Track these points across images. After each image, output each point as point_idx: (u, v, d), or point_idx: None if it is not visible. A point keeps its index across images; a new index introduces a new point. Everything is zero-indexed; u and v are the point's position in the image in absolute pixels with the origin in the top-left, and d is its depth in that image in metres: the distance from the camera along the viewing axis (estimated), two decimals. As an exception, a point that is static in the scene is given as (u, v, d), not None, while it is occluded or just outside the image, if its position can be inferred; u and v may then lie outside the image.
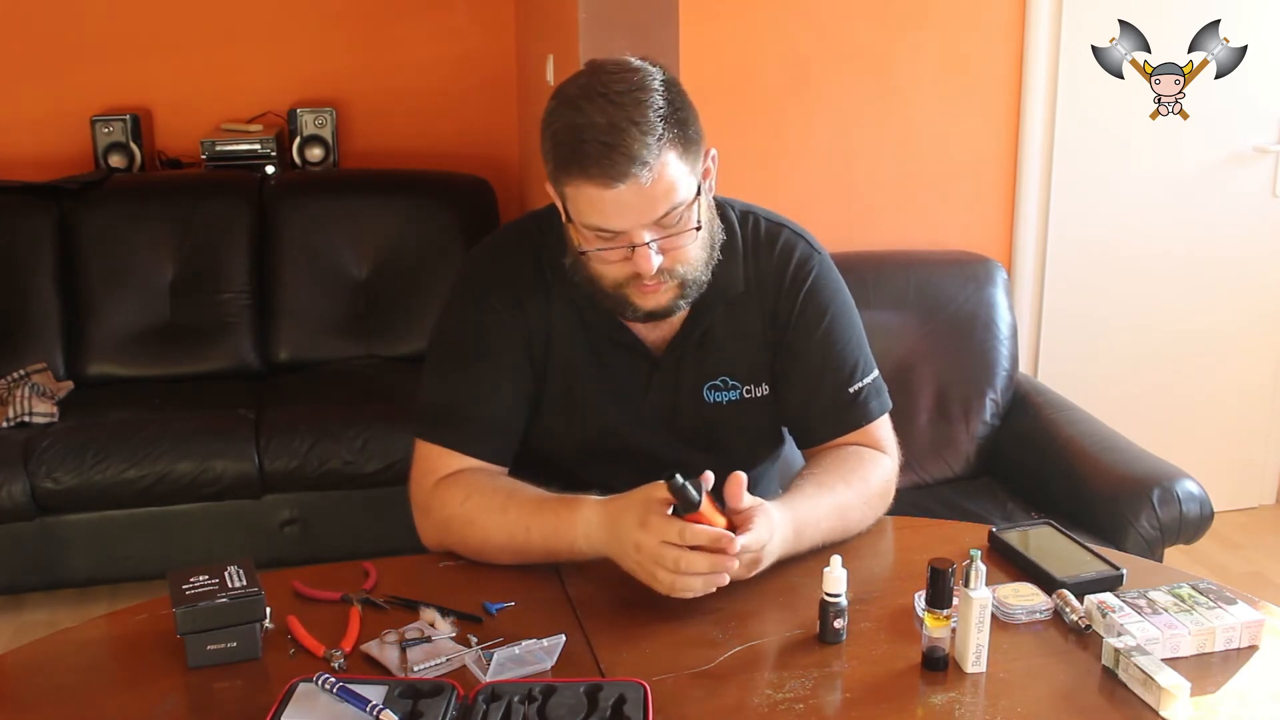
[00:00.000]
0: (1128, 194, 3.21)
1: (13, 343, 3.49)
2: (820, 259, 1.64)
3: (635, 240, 1.41)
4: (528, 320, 1.57)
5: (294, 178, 3.90)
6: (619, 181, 1.36)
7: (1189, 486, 2.42)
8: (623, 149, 1.35)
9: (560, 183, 1.43)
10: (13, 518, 3.03)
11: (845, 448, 1.62)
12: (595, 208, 1.40)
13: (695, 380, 1.60)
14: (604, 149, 1.35)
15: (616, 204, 1.38)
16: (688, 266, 1.47)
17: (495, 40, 4.21)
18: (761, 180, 2.90)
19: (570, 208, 1.44)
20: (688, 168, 1.42)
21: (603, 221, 1.41)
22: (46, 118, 3.93)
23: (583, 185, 1.39)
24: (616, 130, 1.36)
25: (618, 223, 1.40)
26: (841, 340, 1.62)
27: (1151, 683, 1.22)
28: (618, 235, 1.42)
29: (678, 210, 1.42)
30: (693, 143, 1.43)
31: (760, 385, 1.62)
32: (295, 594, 1.44)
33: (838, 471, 1.57)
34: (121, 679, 1.32)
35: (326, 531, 3.23)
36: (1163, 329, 3.32)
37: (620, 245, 1.43)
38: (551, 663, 1.29)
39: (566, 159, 1.39)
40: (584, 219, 1.42)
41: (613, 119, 1.36)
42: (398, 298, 3.71)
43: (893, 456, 1.65)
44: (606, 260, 1.45)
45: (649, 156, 1.36)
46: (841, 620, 1.33)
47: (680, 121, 1.41)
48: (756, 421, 1.64)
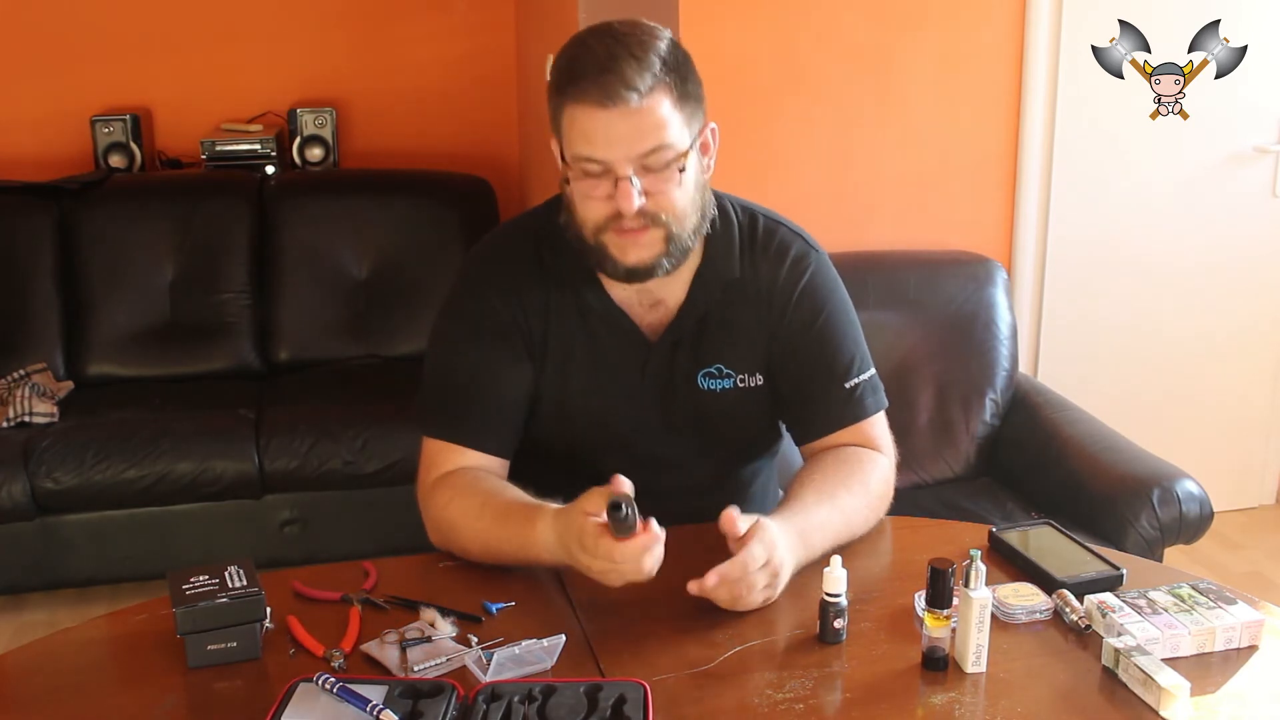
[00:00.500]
0: (1128, 194, 3.21)
1: (13, 343, 3.49)
2: (817, 256, 1.65)
3: (620, 173, 1.43)
4: (525, 313, 1.58)
5: (294, 178, 3.90)
6: (610, 102, 1.40)
7: (1189, 486, 2.42)
8: (617, 73, 1.40)
9: (557, 110, 1.46)
10: (13, 518, 3.03)
11: (841, 450, 1.62)
12: (585, 133, 1.43)
13: (690, 367, 1.61)
14: (599, 72, 1.41)
15: (606, 129, 1.41)
16: (671, 216, 1.47)
17: (495, 40, 4.21)
18: (761, 180, 2.90)
19: (564, 140, 1.47)
20: (681, 117, 1.45)
21: (591, 149, 1.43)
22: (46, 118, 3.93)
23: (576, 108, 1.43)
24: (614, 59, 1.41)
25: (605, 151, 1.43)
26: (837, 336, 1.63)
27: (1151, 683, 1.22)
28: (605, 169, 1.44)
29: (665, 151, 1.44)
30: (690, 98, 1.46)
31: (755, 376, 1.62)
32: (295, 594, 1.44)
33: (836, 476, 1.56)
34: (121, 679, 1.32)
35: (326, 531, 3.23)
36: (1163, 329, 3.32)
37: (606, 179, 1.45)
38: (551, 663, 1.29)
39: (564, 82, 1.44)
40: (574, 148, 1.45)
41: (613, 50, 1.42)
42: (398, 298, 3.71)
43: (889, 455, 1.65)
44: (591, 195, 1.46)
45: (641, 85, 1.41)
46: (841, 620, 1.33)
47: (679, 74, 1.45)
48: (750, 411, 1.64)
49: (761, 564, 1.36)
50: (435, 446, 1.58)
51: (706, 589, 1.35)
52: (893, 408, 1.69)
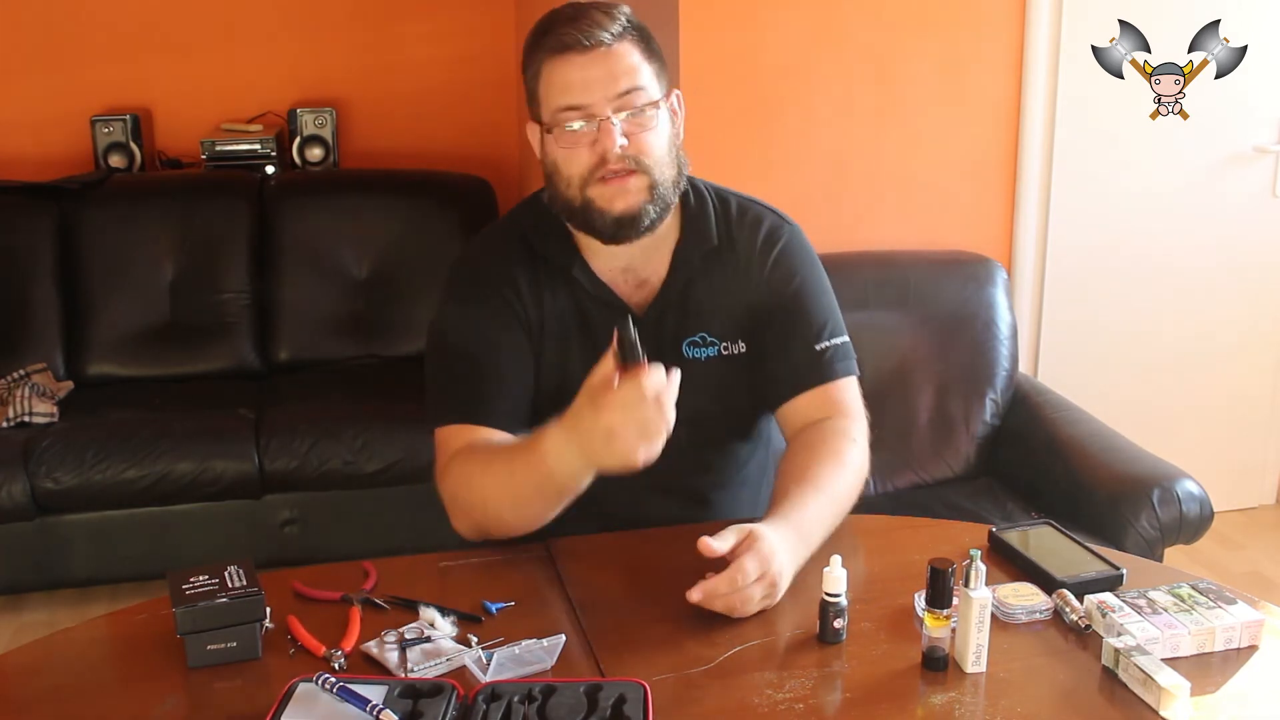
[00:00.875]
0: (1128, 194, 3.21)
1: (13, 343, 3.49)
2: (791, 229, 1.71)
3: (599, 114, 1.50)
4: (520, 299, 1.61)
5: (294, 178, 3.90)
6: (586, 44, 1.49)
7: (1189, 486, 2.42)
8: (589, 19, 1.51)
9: (534, 78, 1.54)
10: (13, 518, 3.02)
11: (812, 429, 1.62)
12: (564, 83, 1.51)
13: (675, 337, 1.64)
14: (570, 23, 1.51)
15: (583, 72, 1.50)
16: (651, 161, 1.53)
17: (495, 40, 4.21)
18: (761, 180, 2.90)
19: (543, 103, 1.54)
20: (651, 70, 1.54)
21: (570, 97, 1.50)
22: (46, 118, 3.93)
23: (553, 61, 1.51)
24: (583, 13, 1.52)
25: (583, 94, 1.50)
26: (810, 301, 1.67)
27: (1151, 683, 1.22)
28: (586, 115, 1.50)
29: (639, 94, 1.52)
30: (656, 56, 1.56)
31: (737, 343, 1.66)
32: (295, 594, 1.44)
33: (817, 458, 1.56)
34: (121, 679, 1.32)
35: (326, 531, 3.23)
36: (1163, 329, 3.32)
37: (588, 128, 1.50)
38: (551, 663, 1.29)
39: (537, 40, 1.54)
40: (554, 102, 1.52)
41: (580, 9, 1.53)
42: (398, 298, 3.71)
43: (860, 420, 1.66)
44: (575, 146, 1.52)
45: (612, 29, 1.51)
46: (841, 620, 1.33)
47: (644, 34, 1.56)
48: (736, 380, 1.67)
49: (755, 578, 1.35)
50: (446, 434, 1.58)
51: (695, 601, 1.35)
52: (893, 408, 1.69)
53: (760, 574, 1.36)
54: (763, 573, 1.36)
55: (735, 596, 1.35)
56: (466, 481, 1.51)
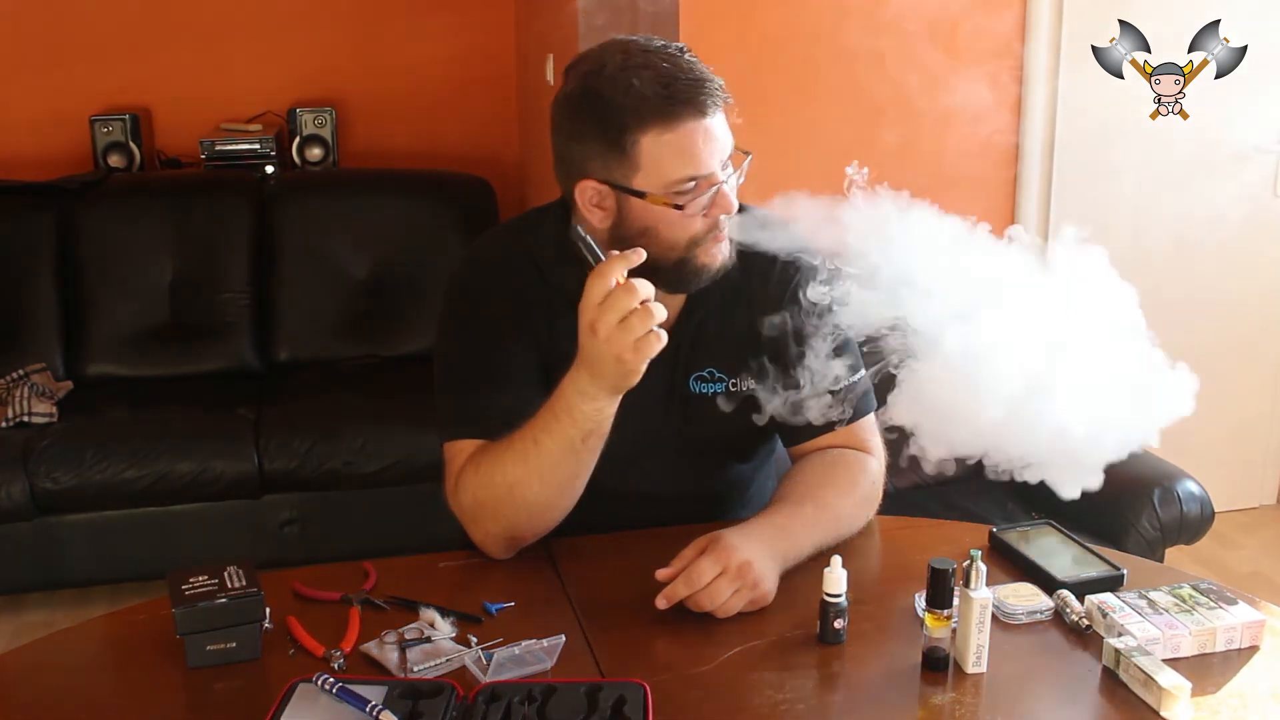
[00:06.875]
0: (1128, 194, 3.21)
1: (12, 343, 3.48)
2: (804, 268, 1.64)
3: (719, 179, 1.45)
4: (529, 313, 1.58)
5: (294, 177, 3.90)
6: (712, 109, 1.42)
7: (1189, 486, 2.42)
8: (711, 83, 1.43)
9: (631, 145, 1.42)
10: (12, 518, 3.02)
11: (829, 451, 1.62)
12: (687, 152, 1.42)
13: (683, 371, 1.62)
14: (696, 84, 1.42)
15: (706, 139, 1.43)
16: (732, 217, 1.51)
17: (495, 40, 4.20)
18: (760, 180, 2.89)
19: (646, 172, 1.43)
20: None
21: (694, 167, 1.43)
22: (46, 118, 3.93)
23: (674, 128, 1.41)
24: (692, 66, 1.43)
25: (707, 161, 1.43)
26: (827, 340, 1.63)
27: (1152, 683, 1.22)
28: (699, 183, 1.44)
29: (734, 150, 1.47)
30: None
31: (745, 380, 1.63)
32: (295, 594, 1.44)
33: (822, 475, 1.56)
34: (121, 679, 1.32)
35: (326, 531, 3.23)
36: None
37: (701, 193, 1.45)
38: (551, 663, 1.29)
39: (658, 106, 1.41)
40: (670, 174, 1.43)
41: (678, 61, 1.43)
42: (398, 298, 3.71)
43: (878, 458, 1.64)
44: (687, 215, 1.46)
45: (715, 82, 1.44)
46: (841, 620, 1.33)
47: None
48: (742, 415, 1.64)
49: (713, 575, 1.35)
50: (455, 448, 1.55)
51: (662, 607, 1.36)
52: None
53: (720, 569, 1.36)
54: (723, 568, 1.36)
55: (702, 594, 1.35)
56: (487, 476, 1.47)
